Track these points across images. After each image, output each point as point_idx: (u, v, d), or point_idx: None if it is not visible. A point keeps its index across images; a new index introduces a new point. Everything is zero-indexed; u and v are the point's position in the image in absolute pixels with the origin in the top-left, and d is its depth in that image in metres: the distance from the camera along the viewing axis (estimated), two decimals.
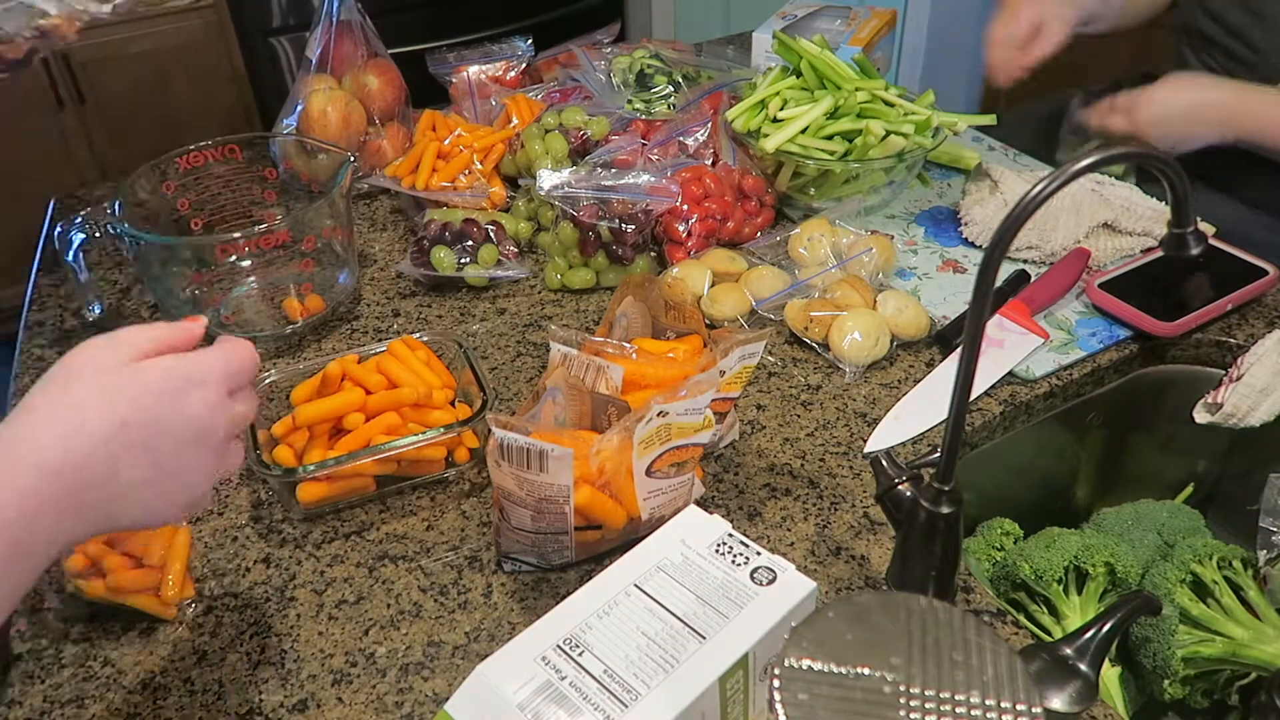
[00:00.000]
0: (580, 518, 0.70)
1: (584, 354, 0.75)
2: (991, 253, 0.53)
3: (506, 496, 0.69)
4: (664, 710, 0.51)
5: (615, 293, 0.84)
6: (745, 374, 0.76)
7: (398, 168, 1.15)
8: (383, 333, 1.00)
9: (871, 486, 0.81)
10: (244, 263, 1.01)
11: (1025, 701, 0.40)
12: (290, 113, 1.20)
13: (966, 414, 0.60)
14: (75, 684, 0.67)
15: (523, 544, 0.72)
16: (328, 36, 1.20)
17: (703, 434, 0.70)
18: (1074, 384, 0.93)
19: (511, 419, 0.65)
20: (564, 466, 0.65)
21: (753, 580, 0.58)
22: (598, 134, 1.12)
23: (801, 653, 0.42)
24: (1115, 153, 0.54)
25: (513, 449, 0.65)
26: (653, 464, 0.69)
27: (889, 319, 0.93)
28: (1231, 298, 0.97)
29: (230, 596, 0.73)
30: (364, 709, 0.65)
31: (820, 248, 1.01)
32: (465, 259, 1.04)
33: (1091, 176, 1.11)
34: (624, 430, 0.67)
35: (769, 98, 1.13)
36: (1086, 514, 0.97)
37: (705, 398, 0.68)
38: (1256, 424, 0.88)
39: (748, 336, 0.74)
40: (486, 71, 1.31)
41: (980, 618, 0.70)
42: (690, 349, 0.80)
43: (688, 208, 1.05)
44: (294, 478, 0.76)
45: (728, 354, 0.73)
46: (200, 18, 2.36)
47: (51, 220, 1.21)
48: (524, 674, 0.52)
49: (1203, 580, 0.80)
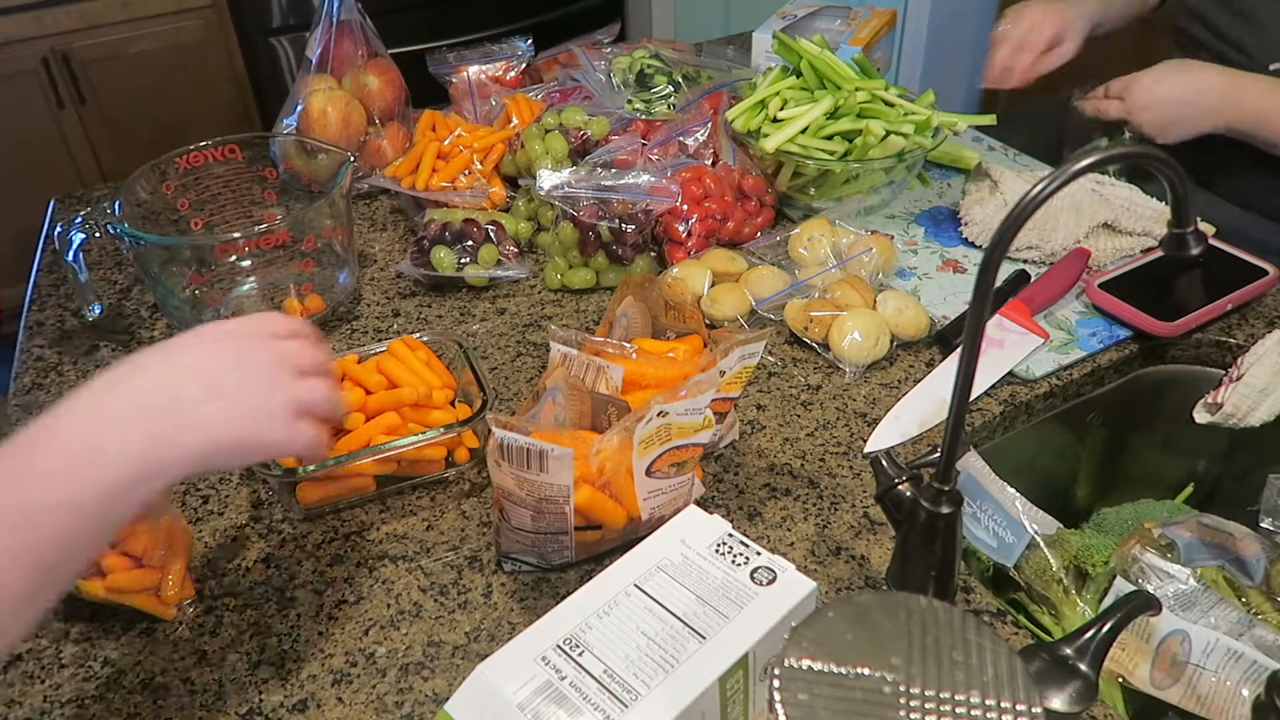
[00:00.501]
0: (580, 518, 0.70)
1: (584, 354, 0.75)
2: (991, 253, 0.53)
3: (506, 496, 0.69)
4: (664, 710, 0.51)
5: (615, 293, 0.84)
6: (745, 374, 0.76)
7: (398, 168, 1.15)
8: (383, 333, 1.00)
9: (871, 486, 0.80)
10: (244, 263, 1.01)
11: (1025, 701, 0.40)
12: (290, 113, 1.20)
13: (966, 414, 0.60)
14: (75, 684, 0.67)
15: (523, 544, 0.72)
16: (328, 36, 1.20)
17: (703, 434, 0.70)
18: (1074, 384, 0.93)
19: (511, 419, 0.65)
20: (564, 466, 0.65)
21: (753, 580, 0.58)
22: (598, 134, 1.12)
23: (801, 653, 0.42)
24: (1115, 153, 0.54)
25: (513, 449, 0.65)
26: (653, 464, 0.69)
27: (889, 319, 0.93)
28: (1231, 298, 0.97)
29: (230, 596, 0.73)
30: (364, 709, 0.65)
31: (820, 248, 1.01)
32: (465, 259, 1.04)
33: (1091, 176, 1.11)
34: (624, 430, 0.67)
35: (769, 98, 1.13)
36: (1086, 514, 0.97)
37: (705, 398, 0.68)
38: (1256, 424, 0.88)
39: (748, 336, 0.74)
40: (486, 71, 1.31)
41: (980, 618, 0.70)
42: (690, 349, 0.80)
43: (688, 208, 1.05)
44: (294, 478, 0.76)
45: (728, 354, 0.73)
46: (200, 18, 2.36)
47: (51, 220, 1.21)
48: (524, 674, 0.52)
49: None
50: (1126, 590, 0.72)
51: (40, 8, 2.19)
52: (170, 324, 1.02)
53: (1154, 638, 0.70)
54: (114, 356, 0.98)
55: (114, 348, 0.99)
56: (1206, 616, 0.69)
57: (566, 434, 0.69)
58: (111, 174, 2.41)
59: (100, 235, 0.92)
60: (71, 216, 0.92)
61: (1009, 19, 1.20)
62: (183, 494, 0.82)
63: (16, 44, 2.20)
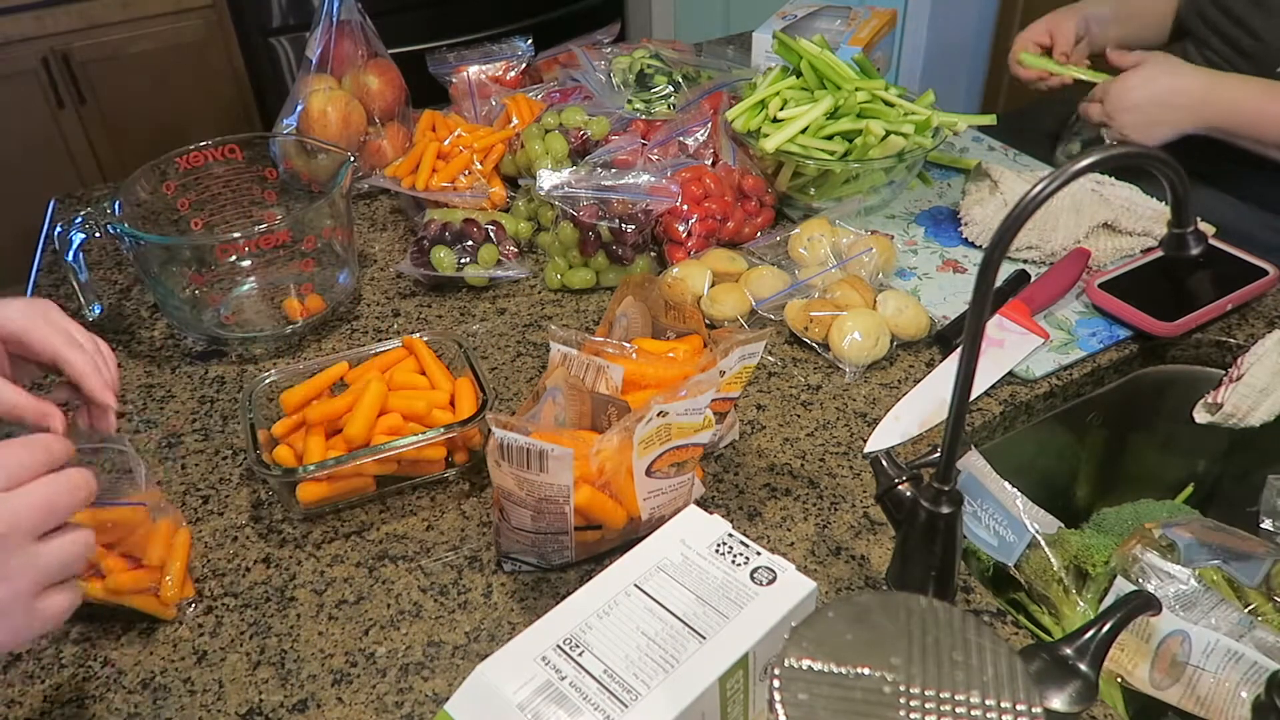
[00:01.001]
0: (580, 518, 0.70)
1: (584, 354, 0.75)
2: (991, 253, 0.53)
3: (506, 496, 0.69)
4: (664, 710, 0.51)
5: (615, 293, 0.84)
6: (745, 374, 0.76)
7: (398, 168, 1.15)
8: (383, 333, 1.00)
9: (871, 486, 0.81)
10: (244, 263, 1.01)
11: (1025, 701, 0.40)
12: (290, 113, 1.20)
13: (966, 414, 0.60)
14: (75, 684, 0.67)
15: (523, 544, 0.72)
16: (328, 36, 1.20)
17: (703, 434, 0.70)
18: (1074, 384, 0.93)
19: (511, 419, 0.65)
20: (564, 466, 0.65)
21: (753, 580, 0.58)
22: (598, 134, 1.12)
23: (801, 653, 0.42)
24: (1115, 153, 0.54)
25: (513, 449, 0.65)
26: (653, 464, 0.69)
27: (889, 319, 0.93)
28: (1231, 298, 0.97)
29: (230, 596, 0.73)
30: (364, 709, 0.65)
31: (820, 248, 1.01)
32: (465, 259, 1.04)
33: (1091, 176, 1.11)
34: (624, 430, 0.67)
35: (769, 98, 1.13)
36: (1086, 514, 0.97)
37: (705, 398, 0.68)
38: (1256, 424, 0.88)
39: (748, 336, 0.74)
40: (486, 71, 1.32)
41: (980, 618, 0.70)
42: (690, 349, 0.80)
43: (688, 208, 1.05)
44: (294, 478, 0.76)
45: (728, 354, 0.73)
46: (200, 18, 2.36)
47: (51, 220, 1.21)
48: (524, 674, 0.52)
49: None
50: (1127, 590, 0.72)
51: (40, 8, 2.19)
52: (170, 324, 1.02)
53: (1154, 638, 0.70)
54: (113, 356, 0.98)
55: (114, 348, 0.99)
56: (1207, 617, 0.69)
57: (566, 434, 0.69)
58: (111, 174, 2.41)
59: (100, 235, 0.92)
60: (71, 216, 0.92)
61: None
62: (183, 494, 0.82)
63: (16, 44, 2.20)
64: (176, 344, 1.00)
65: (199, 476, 0.84)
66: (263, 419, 0.80)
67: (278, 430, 0.80)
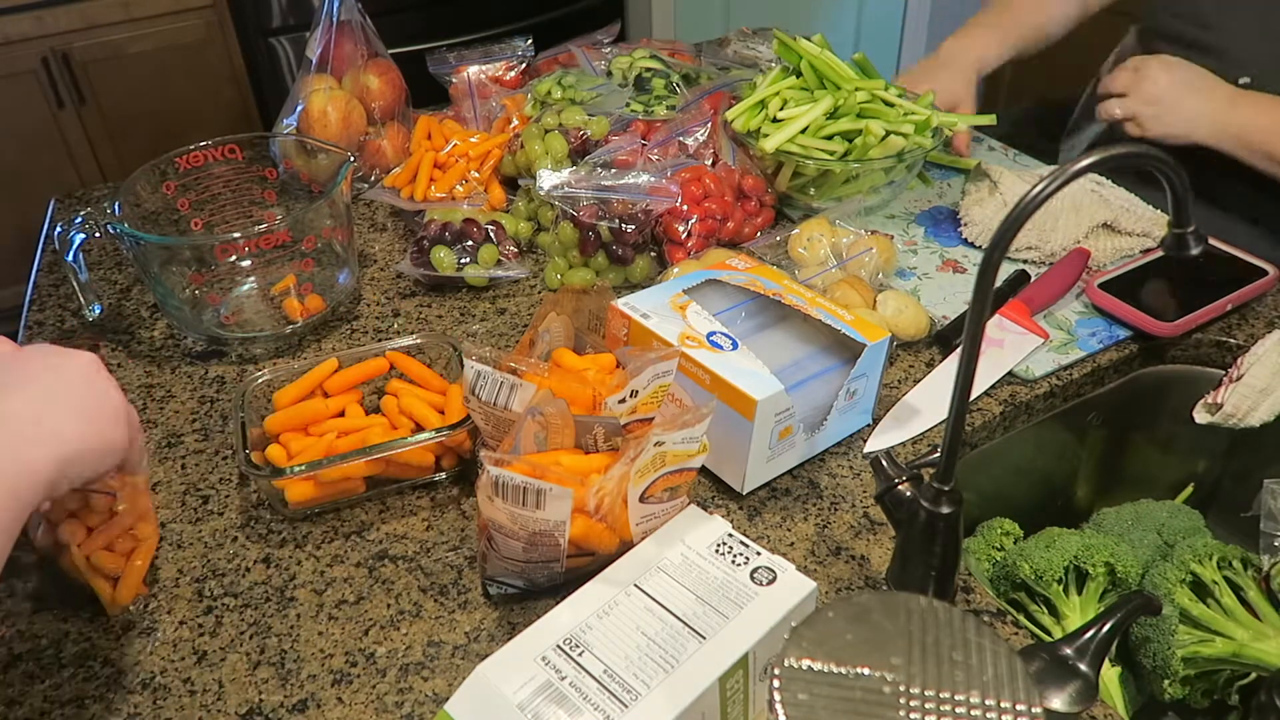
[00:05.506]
0: (573, 547, 0.67)
1: (499, 371, 0.71)
2: (991, 253, 0.53)
3: (497, 529, 0.66)
4: (664, 710, 0.51)
5: (539, 309, 0.80)
6: (660, 393, 0.72)
7: (396, 178, 1.15)
8: (383, 333, 1.00)
9: (871, 486, 0.81)
10: (244, 263, 1.01)
11: (1025, 701, 0.40)
12: (290, 113, 1.20)
13: (966, 414, 0.60)
14: (75, 684, 0.67)
15: (511, 571, 0.69)
16: (328, 36, 1.20)
17: (697, 459, 0.68)
18: (1074, 384, 0.93)
19: (506, 456, 0.62)
20: (563, 504, 0.63)
21: (753, 580, 0.58)
22: (598, 134, 1.12)
23: (801, 653, 0.42)
24: (1115, 153, 0.54)
25: (509, 487, 0.62)
26: (647, 490, 0.67)
27: (889, 319, 0.93)
28: (1231, 298, 0.97)
29: (230, 596, 0.73)
30: (364, 709, 0.65)
31: (820, 248, 1.01)
32: (465, 259, 1.04)
33: (1091, 177, 1.11)
34: (626, 464, 0.64)
35: (769, 98, 1.13)
36: (1086, 514, 0.97)
37: (702, 425, 0.66)
38: (1256, 424, 0.88)
39: (659, 354, 0.70)
40: (486, 71, 1.31)
41: (980, 618, 0.70)
42: (601, 368, 0.76)
43: (688, 208, 1.05)
44: (277, 477, 0.75)
45: (639, 373, 0.69)
46: (200, 18, 2.36)
47: (51, 220, 1.21)
48: (524, 674, 0.52)
49: (1203, 580, 0.80)
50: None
51: (40, 8, 2.20)
52: (170, 324, 1.02)
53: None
54: (114, 356, 0.98)
55: (114, 348, 0.99)
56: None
57: (551, 459, 0.66)
58: (111, 174, 2.41)
59: (100, 235, 0.92)
60: (71, 216, 0.92)
61: None
62: (183, 494, 0.82)
63: (16, 44, 2.20)
64: (176, 344, 1.00)
65: (199, 476, 0.84)
66: (255, 417, 0.80)
67: (269, 426, 0.80)
